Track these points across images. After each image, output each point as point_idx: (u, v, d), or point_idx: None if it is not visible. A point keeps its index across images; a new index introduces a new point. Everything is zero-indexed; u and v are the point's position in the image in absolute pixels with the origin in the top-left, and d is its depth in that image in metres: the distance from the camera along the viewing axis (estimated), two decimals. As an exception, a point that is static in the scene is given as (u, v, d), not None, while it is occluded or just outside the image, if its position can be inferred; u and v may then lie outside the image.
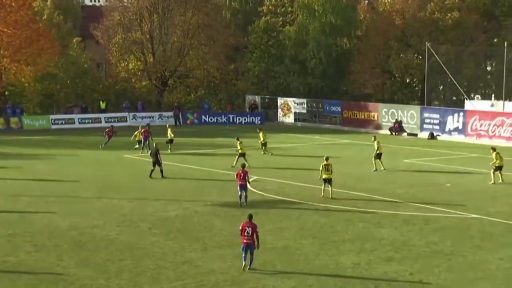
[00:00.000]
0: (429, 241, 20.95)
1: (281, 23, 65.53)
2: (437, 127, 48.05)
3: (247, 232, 17.84)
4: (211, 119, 59.15)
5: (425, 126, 48.98)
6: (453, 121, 47.12)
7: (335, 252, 19.78)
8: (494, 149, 30.86)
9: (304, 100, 58.58)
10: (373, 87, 67.63)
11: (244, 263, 17.97)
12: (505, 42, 49.82)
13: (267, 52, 64.60)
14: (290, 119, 59.09)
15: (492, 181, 29.86)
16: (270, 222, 23.28)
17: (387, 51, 64.67)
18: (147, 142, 39.46)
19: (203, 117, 59.25)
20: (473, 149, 41.23)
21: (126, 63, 62.89)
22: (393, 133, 50.28)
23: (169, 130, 40.78)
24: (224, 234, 21.70)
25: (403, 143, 45.08)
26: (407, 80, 68.11)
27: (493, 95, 59.78)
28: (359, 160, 36.79)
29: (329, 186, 26.97)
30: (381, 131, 51.32)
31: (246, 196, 25.63)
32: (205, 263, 18.72)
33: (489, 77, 71.14)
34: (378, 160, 33.36)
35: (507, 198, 27.24)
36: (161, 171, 31.51)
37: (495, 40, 65.63)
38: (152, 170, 31.38)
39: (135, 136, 40.19)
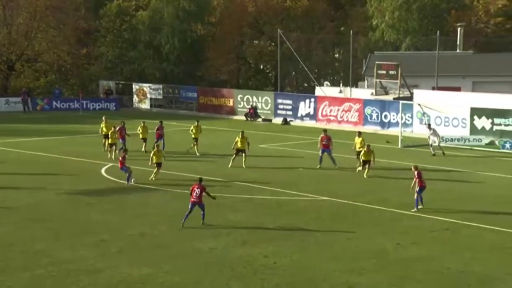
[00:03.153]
0: (283, 224, 21.56)
1: (134, 7, 64.40)
2: (290, 112, 49.41)
3: (196, 193, 20.56)
4: (63, 105, 57.08)
5: (279, 111, 50.21)
6: (305, 106, 48.65)
7: (192, 238, 19.84)
8: (359, 133, 31.37)
9: (160, 86, 58.07)
10: (228, 73, 68.42)
11: (183, 221, 20.51)
12: (351, 31, 52.05)
13: (120, 36, 63.31)
14: (146, 105, 58.37)
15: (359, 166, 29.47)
16: (127, 209, 22.95)
17: (241, 37, 65.59)
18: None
19: (54, 103, 57.04)
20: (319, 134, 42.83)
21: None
22: (249, 119, 51.13)
23: None
24: (77, 223, 21.10)
25: (258, 129, 45.95)
26: (261, 67, 69.44)
27: (341, 82, 62.41)
28: (216, 146, 37.05)
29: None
30: (237, 117, 52.01)
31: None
32: (57, 252, 18.12)
33: (337, 64, 74.18)
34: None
35: (355, 181, 28.57)
36: None
37: (342, 28, 68.53)
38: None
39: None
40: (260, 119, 51.06)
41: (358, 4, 68.68)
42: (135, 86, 59.41)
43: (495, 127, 38.04)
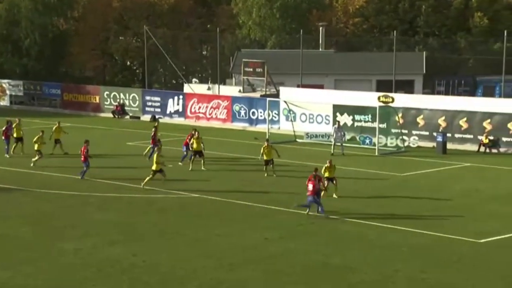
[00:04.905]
0: (153, 222, 21.39)
1: (-12, -1, 61.32)
2: (158, 109, 49.00)
3: None
4: None
5: (147, 109, 49.63)
6: (174, 104, 48.42)
7: (56, 239, 19.24)
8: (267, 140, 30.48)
9: (20, 82, 55.60)
10: (94, 70, 66.80)
11: None
12: (218, 28, 52.43)
13: (-25, 30, 60.04)
14: (5, 102, 55.66)
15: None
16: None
17: (106, 33, 64.20)
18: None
19: None
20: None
21: None
22: (116, 116, 50.16)
23: None
24: None
25: (126, 126, 45.19)
26: (128, 63, 68.35)
27: (209, 79, 62.66)
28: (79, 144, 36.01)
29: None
30: (104, 114, 50.88)
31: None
32: None
33: (205, 61, 74.43)
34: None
35: (225, 177, 28.77)
36: None
37: (209, 26, 68.88)
38: None
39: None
40: (127, 117, 50.24)
41: (224, 1, 69.29)
42: (-8, 82, 56.55)
43: (356, 124, 39.72)
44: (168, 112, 48.60)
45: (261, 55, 53.64)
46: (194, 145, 30.19)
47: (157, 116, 46.81)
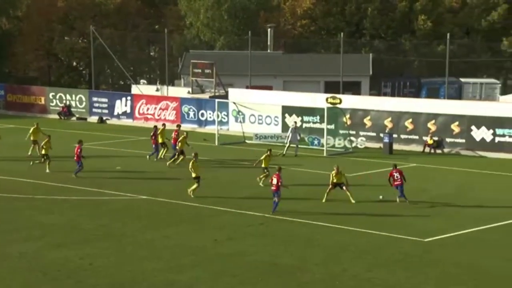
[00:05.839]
0: (100, 224, 21.12)
1: None
2: (106, 111, 48.42)
3: None
4: None
5: (94, 110, 49.00)
6: (121, 105, 47.93)
7: (1, 243, 18.81)
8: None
9: (-40, 83, 54.25)
10: (39, 70, 65.65)
11: None
12: (166, 29, 52.13)
13: None
14: None
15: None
16: None
17: (51, 33, 63.16)
18: None
19: None
20: (142, 132, 42.43)
21: None
22: (62, 118, 49.36)
23: None
24: None
25: (72, 128, 44.52)
26: (74, 63, 67.37)
27: (158, 80, 62.29)
28: (26, 146, 35.36)
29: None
30: (50, 116, 50.01)
31: None
32: None
33: (153, 62, 73.95)
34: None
35: (173, 179, 28.61)
36: None
37: (157, 26, 68.47)
38: None
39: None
40: (74, 118, 49.51)
41: (172, 2, 68.95)
42: None
43: (304, 125, 40.03)
44: (116, 113, 48.07)
45: (210, 56, 53.57)
46: (180, 145, 30.44)
47: (104, 118, 46.27)
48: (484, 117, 35.75)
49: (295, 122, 37.66)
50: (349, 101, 40.41)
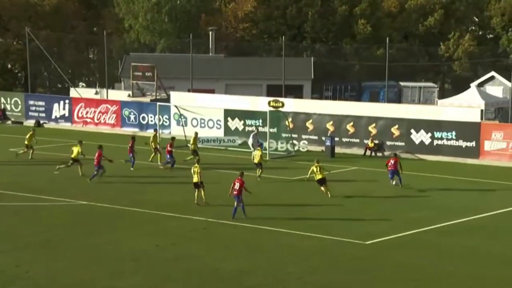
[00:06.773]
0: (37, 231, 20.50)
1: None
2: (43, 114, 47.26)
3: None
4: None
5: (30, 113, 47.77)
6: (59, 108, 46.86)
7: None
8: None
9: None
10: (-28, 72, 63.70)
11: None
12: (104, 31, 51.30)
13: None
14: None
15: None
16: None
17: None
18: None
19: None
20: (80, 136, 41.52)
21: None
22: (-3, 122, 48.00)
23: None
24: None
25: (8, 132, 43.27)
26: (9, 66, 65.70)
27: (97, 83, 61.26)
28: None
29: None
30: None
31: None
32: None
33: (92, 65, 72.72)
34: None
35: (114, 184, 28.04)
36: None
37: (95, 28, 67.35)
38: None
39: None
40: (9, 122, 48.16)
41: (110, 4, 67.96)
42: None
43: (247, 128, 39.92)
44: (53, 117, 46.99)
45: (150, 59, 53.00)
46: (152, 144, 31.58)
47: (41, 122, 45.16)
48: (423, 120, 36.40)
49: (257, 128, 37.65)
50: (291, 104, 40.55)
